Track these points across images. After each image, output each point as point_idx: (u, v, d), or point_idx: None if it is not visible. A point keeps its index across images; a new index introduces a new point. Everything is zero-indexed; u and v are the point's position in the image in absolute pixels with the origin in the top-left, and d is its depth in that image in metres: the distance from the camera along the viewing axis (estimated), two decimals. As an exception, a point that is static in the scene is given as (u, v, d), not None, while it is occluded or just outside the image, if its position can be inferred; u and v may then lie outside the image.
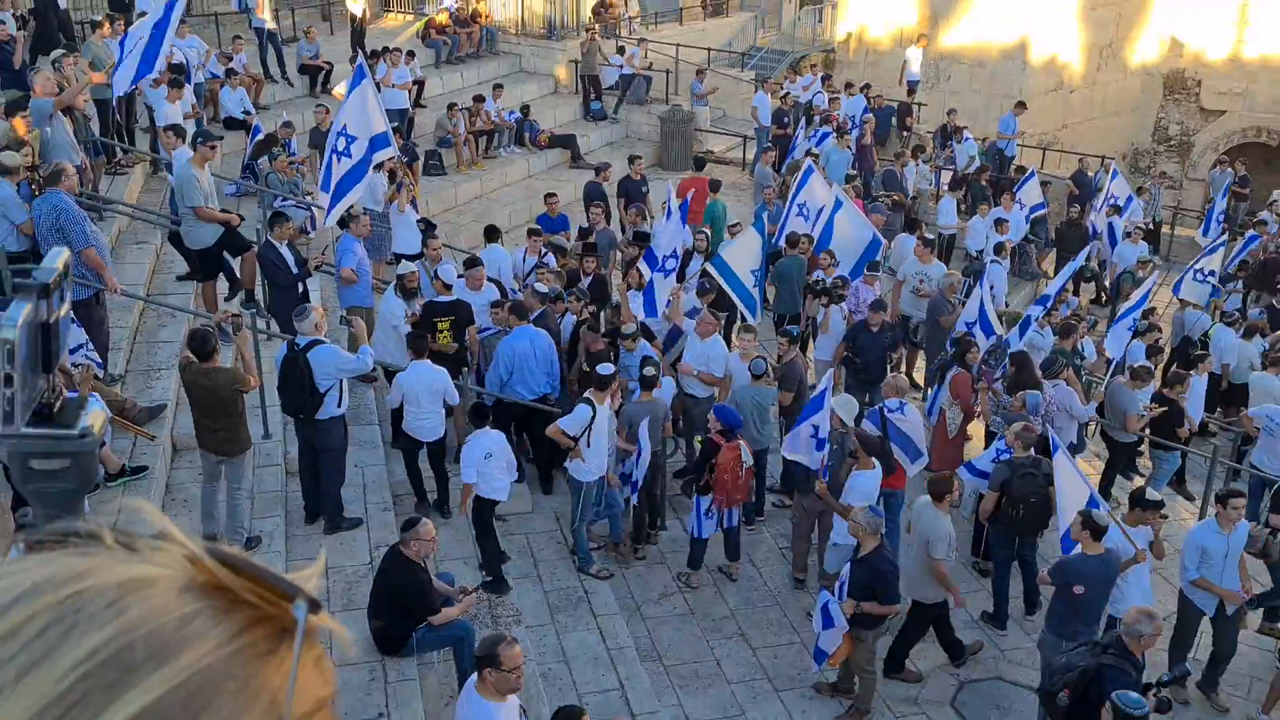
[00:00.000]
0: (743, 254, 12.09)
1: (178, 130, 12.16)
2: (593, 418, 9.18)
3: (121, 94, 13.17)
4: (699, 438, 10.23)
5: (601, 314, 12.03)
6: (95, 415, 1.22)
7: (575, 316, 11.31)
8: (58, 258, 1.18)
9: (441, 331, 10.37)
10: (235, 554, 0.64)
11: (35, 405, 1.19)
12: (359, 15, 19.91)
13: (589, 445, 9.28)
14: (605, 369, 9.68)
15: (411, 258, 12.38)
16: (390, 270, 12.63)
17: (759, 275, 12.36)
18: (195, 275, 11.49)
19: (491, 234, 13.28)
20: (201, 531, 8.38)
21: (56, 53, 13.09)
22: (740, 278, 11.92)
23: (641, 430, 9.48)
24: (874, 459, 9.20)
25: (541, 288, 11.39)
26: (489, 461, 8.97)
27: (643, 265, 12.07)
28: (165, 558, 0.64)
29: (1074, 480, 8.78)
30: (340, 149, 11.14)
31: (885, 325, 11.62)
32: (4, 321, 1.11)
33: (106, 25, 14.07)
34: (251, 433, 9.43)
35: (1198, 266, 15.92)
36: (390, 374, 10.11)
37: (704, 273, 12.43)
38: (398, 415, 10.02)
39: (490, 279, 11.67)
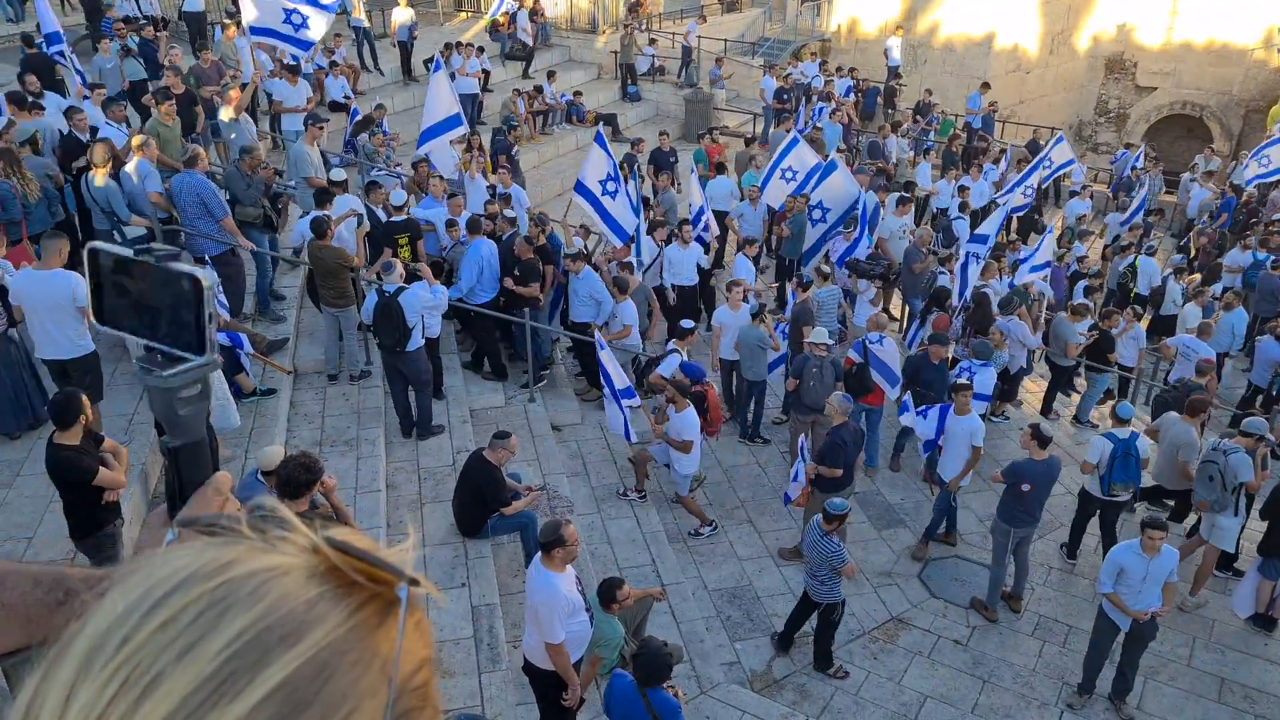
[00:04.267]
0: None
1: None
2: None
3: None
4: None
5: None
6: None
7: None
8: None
9: (401, 246, 10.08)
10: (348, 541, 0.63)
11: None
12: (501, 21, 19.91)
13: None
14: (687, 323, 9.79)
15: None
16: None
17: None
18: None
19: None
20: (326, 369, 9.51)
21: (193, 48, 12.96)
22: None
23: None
24: (687, 400, 8.59)
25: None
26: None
27: (579, 198, 11.64)
28: (292, 547, 0.63)
29: None
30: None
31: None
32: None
33: (233, 28, 13.81)
34: (357, 362, 9.52)
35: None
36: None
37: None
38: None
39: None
